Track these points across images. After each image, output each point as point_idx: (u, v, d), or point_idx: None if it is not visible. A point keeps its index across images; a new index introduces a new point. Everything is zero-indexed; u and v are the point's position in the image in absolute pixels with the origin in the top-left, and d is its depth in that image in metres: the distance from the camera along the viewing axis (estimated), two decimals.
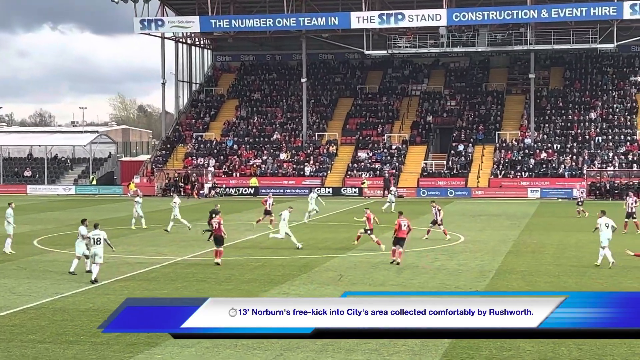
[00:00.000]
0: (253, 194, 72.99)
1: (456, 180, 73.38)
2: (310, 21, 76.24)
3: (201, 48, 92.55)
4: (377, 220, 38.04)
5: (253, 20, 77.17)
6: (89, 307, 23.14)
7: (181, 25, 79.88)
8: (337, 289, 25.73)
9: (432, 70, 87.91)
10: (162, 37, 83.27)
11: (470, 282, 27.02)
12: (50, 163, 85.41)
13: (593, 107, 79.47)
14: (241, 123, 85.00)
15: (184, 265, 31.16)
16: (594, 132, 76.50)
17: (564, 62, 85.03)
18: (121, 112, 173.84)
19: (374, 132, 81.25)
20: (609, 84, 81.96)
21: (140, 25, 78.82)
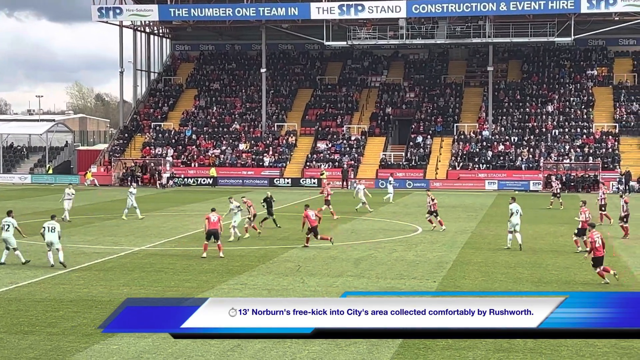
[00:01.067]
0: (212, 184, 72.82)
1: (414, 171, 73.73)
2: (270, 11, 76.09)
3: (160, 37, 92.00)
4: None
5: (212, 10, 76.87)
6: (44, 297, 22.97)
7: (140, 14, 79.33)
8: (296, 279, 25.81)
9: (392, 62, 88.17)
10: (120, 25, 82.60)
11: (428, 273, 27.21)
12: (6, 151, 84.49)
13: (550, 100, 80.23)
14: (200, 113, 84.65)
15: (142, 256, 31.03)
16: (551, 125, 77.25)
17: (522, 55, 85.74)
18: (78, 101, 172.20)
19: (333, 123, 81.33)
20: (566, 77, 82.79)
21: (98, 13, 78.15)
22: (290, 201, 56.23)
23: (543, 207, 52.03)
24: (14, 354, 16.95)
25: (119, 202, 55.24)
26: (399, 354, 17.06)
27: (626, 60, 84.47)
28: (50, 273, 26.76)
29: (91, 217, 45.29)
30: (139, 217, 43.45)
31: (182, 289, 24.28)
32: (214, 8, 76.79)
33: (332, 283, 25.29)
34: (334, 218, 43.30)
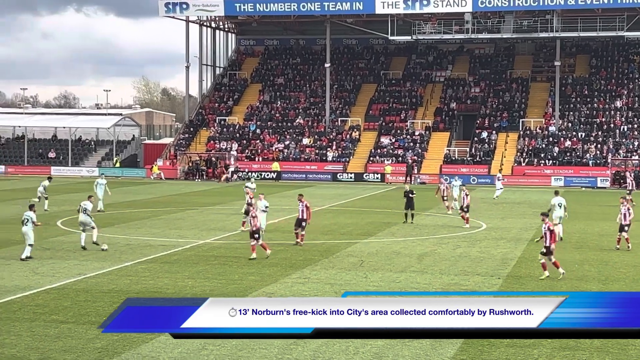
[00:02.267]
0: (275, 179, 73.17)
1: (479, 167, 73.19)
2: (335, 6, 76.11)
3: (225, 32, 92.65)
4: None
5: (277, 5, 77.15)
6: (111, 289, 23.31)
7: (206, 9, 79.96)
8: (358, 274, 25.80)
9: (457, 57, 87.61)
10: (186, 20, 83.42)
11: (492, 269, 26.97)
12: (75, 145, 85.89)
13: (619, 96, 78.95)
14: (264, 107, 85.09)
15: (206, 249, 31.30)
16: (619, 121, 76.01)
17: (590, 50, 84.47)
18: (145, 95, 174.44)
19: (397, 118, 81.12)
20: (636, 72, 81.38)
21: (165, 9, 79.06)
22: (353, 196, 56.21)
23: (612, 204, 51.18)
24: (82, 343, 17.24)
25: (184, 196, 55.93)
26: (462, 350, 16.96)
27: None
28: (117, 265, 27.16)
29: (157, 210, 45.84)
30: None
31: (246, 282, 24.43)
32: (279, 3, 77.06)
33: (395, 279, 25.23)
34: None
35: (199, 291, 23.02)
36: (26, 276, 25.10)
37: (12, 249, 30.25)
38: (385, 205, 50.45)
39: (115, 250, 30.38)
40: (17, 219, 40.57)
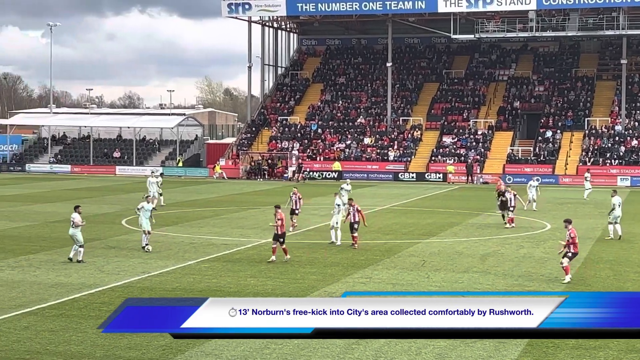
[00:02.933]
0: (336, 178, 73.19)
1: (543, 167, 72.35)
2: (397, 5, 75.88)
3: (287, 32, 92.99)
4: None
5: (339, 4, 77.16)
6: (175, 287, 23.55)
7: (268, 9, 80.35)
8: (420, 274, 25.70)
9: (520, 55, 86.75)
10: (248, 20, 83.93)
11: (557, 271, 26.60)
12: (139, 145, 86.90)
13: None
14: (326, 107, 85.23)
15: (268, 248, 31.38)
16: None
17: None
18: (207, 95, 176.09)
19: (459, 117, 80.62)
20: None
21: (227, 9, 79.64)
22: (414, 196, 55.99)
23: None
24: (146, 341, 17.43)
25: (246, 195, 56.29)
26: (526, 352, 16.77)
27: None
28: (181, 263, 27.44)
29: (219, 210, 46.20)
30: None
31: (308, 281, 24.49)
32: (341, 3, 77.09)
33: (457, 279, 25.07)
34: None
35: (261, 290, 23.14)
36: (92, 274, 25.49)
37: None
38: (447, 205, 50.16)
39: (179, 249, 30.72)
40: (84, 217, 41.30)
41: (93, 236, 34.02)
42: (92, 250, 30.28)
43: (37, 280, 24.29)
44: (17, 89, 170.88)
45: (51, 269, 26.24)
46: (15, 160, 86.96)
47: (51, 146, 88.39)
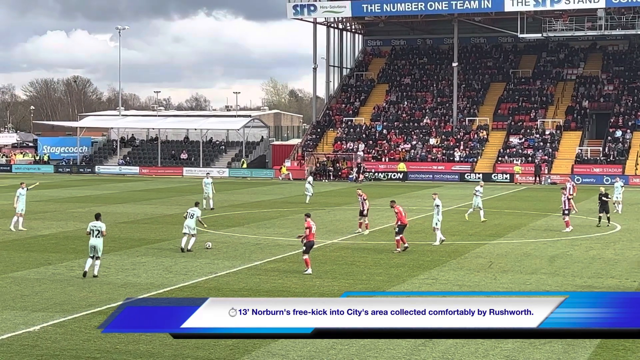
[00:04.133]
0: (401, 179, 72.94)
1: (613, 167, 71.17)
2: (463, 4, 75.40)
3: (352, 33, 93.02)
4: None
5: (404, 4, 76.94)
6: (241, 287, 23.69)
7: (333, 10, 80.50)
8: (487, 276, 25.47)
9: (589, 54, 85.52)
10: (314, 22, 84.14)
11: (627, 272, 26.18)
12: (205, 146, 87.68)
13: None
14: (391, 108, 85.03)
15: (333, 249, 31.47)
16: None
17: None
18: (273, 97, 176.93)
19: (526, 117, 79.76)
20: None
21: (293, 11, 79.95)
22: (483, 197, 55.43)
23: None
24: (214, 341, 17.54)
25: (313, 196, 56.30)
26: (596, 354, 16.49)
27: None
28: (247, 264, 27.61)
29: (285, 211, 46.36)
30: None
31: (374, 283, 24.44)
32: (406, 3, 76.86)
33: (525, 280, 24.80)
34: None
35: (327, 290, 23.15)
36: (160, 274, 25.79)
37: (148, 248, 31.13)
38: (515, 206, 49.65)
39: (245, 249, 30.91)
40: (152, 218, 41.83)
41: (161, 237, 34.46)
42: (160, 250, 30.67)
43: (107, 280, 24.64)
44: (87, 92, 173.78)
45: (120, 270, 26.61)
46: (85, 162, 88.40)
47: (120, 148, 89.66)
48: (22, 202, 36.30)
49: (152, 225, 38.70)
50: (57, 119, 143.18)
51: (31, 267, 26.99)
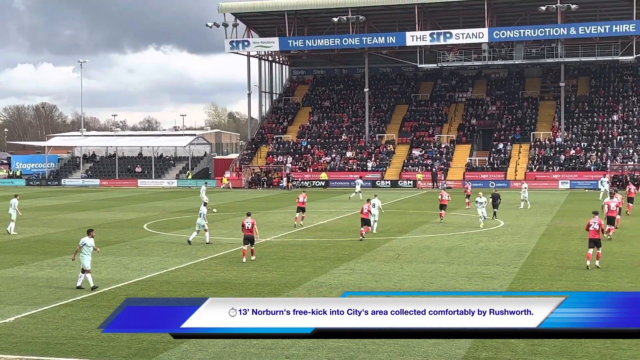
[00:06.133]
0: (324, 186, 73.19)
1: (496, 173, 72.45)
2: (372, 40, 76.10)
3: (280, 64, 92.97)
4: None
5: (323, 40, 77.38)
6: (189, 280, 23.46)
7: (264, 45, 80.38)
8: (395, 266, 25.67)
9: (476, 80, 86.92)
10: (247, 55, 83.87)
11: (510, 260, 26.68)
12: (157, 161, 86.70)
13: (615, 111, 77.71)
14: (314, 126, 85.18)
15: (267, 246, 31.39)
16: (616, 132, 74.81)
17: (590, 72, 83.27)
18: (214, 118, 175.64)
19: (426, 133, 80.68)
20: (629, 91, 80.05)
21: (229, 46, 79.58)
22: (390, 200, 55.95)
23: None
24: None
25: (248, 202, 56.17)
26: None
27: None
28: (194, 260, 27.34)
29: (226, 214, 46.07)
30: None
31: (301, 273, 24.43)
32: (325, 39, 77.36)
33: (426, 269, 25.06)
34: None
35: (262, 281, 23.07)
36: (118, 271, 25.37)
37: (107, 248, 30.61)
38: (417, 207, 50.20)
39: (192, 248, 30.61)
40: (111, 223, 41.14)
41: (119, 239, 33.91)
42: (118, 250, 30.19)
43: (72, 277, 24.12)
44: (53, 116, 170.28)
45: None
46: (53, 176, 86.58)
47: (82, 163, 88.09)
48: (14, 210, 36.60)
49: (111, 229, 38.06)
50: (27, 139, 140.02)
51: (6, 267, 26.31)
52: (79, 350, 15.63)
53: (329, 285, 22.20)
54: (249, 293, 21.27)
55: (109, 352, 15.44)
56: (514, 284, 22.20)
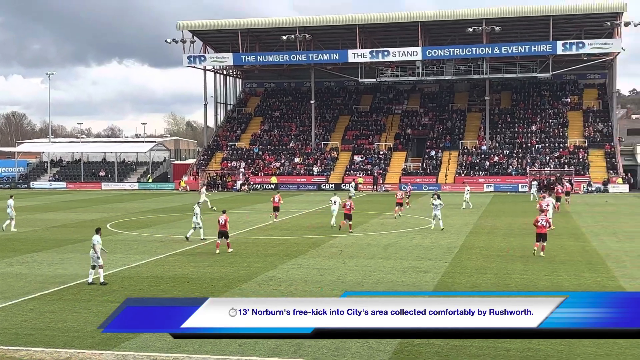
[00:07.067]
0: (274, 189, 73.05)
1: (429, 177, 73.22)
2: (317, 57, 76.26)
3: (234, 77, 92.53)
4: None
5: (274, 56, 77.29)
6: (149, 275, 23.19)
7: (219, 60, 79.92)
8: (338, 261, 25.77)
9: (411, 94, 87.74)
10: (204, 69, 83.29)
11: (440, 255, 27.00)
12: (119, 165, 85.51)
13: (534, 122, 79.24)
14: (265, 135, 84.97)
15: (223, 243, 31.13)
16: (535, 141, 76.28)
17: (512, 87, 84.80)
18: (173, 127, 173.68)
19: (366, 141, 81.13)
20: (546, 104, 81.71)
21: (187, 60, 78.91)
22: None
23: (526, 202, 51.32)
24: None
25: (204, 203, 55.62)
26: None
27: (593, 90, 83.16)
28: (154, 257, 27.02)
29: (183, 215, 45.61)
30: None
31: (253, 268, 24.34)
32: (275, 55, 77.27)
33: (366, 264, 25.20)
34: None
35: (217, 276, 22.92)
36: (83, 267, 24.91)
37: (73, 246, 30.11)
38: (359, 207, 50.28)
39: (152, 246, 30.26)
40: (77, 223, 40.38)
41: (84, 237, 33.32)
42: (83, 248, 29.64)
43: (40, 272, 23.67)
44: (23, 124, 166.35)
45: (51, 264, 25.60)
46: (22, 179, 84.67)
47: (50, 168, 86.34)
48: (11, 209, 36.58)
49: (77, 229, 37.38)
50: None
51: None
52: (46, 341, 15.33)
53: (278, 279, 22.17)
54: (205, 287, 21.11)
55: (74, 342, 15.17)
56: (444, 277, 22.46)
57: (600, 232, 34.35)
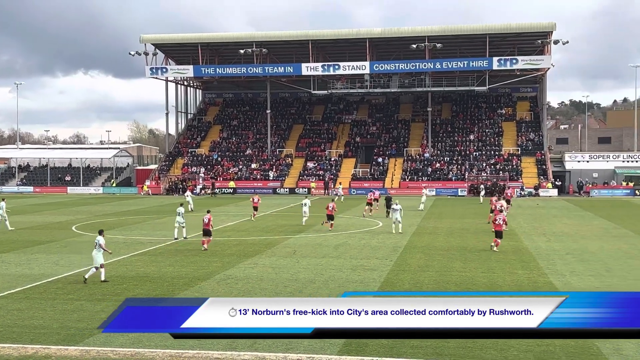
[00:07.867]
0: (232, 193, 72.68)
1: (376, 182, 73.65)
2: (273, 69, 76.13)
3: (194, 88, 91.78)
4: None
5: (232, 68, 76.89)
6: (112, 275, 22.84)
7: (180, 72, 79.22)
8: (292, 260, 25.77)
9: (360, 105, 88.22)
10: (166, 80, 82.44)
11: (387, 254, 27.21)
12: (85, 171, 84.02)
13: (472, 131, 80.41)
14: (223, 142, 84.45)
15: (182, 244, 30.90)
16: (473, 149, 77.41)
17: (452, 100, 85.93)
18: (136, 134, 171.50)
19: (318, 148, 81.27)
20: (483, 115, 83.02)
21: (150, 72, 78.00)
22: (288, 204, 56.10)
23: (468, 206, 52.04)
24: (90, 316, 16.88)
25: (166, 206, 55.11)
26: None
27: (525, 102, 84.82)
28: (117, 257, 26.63)
29: (146, 217, 45.08)
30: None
31: (212, 268, 24.19)
32: (233, 67, 76.87)
33: (318, 263, 25.26)
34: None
35: (177, 275, 22.71)
36: (49, 267, 24.45)
37: (40, 247, 29.50)
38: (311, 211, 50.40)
39: (115, 247, 29.79)
40: (43, 225, 39.53)
41: (50, 239, 32.69)
42: (49, 249, 29.09)
43: (8, 272, 23.13)
44: None
45: (18, 264, 25.04)
46: None
47: (18, 173, 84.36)
48: (4, 212, 36.94)
49: (43, 231, 36.61)
50: None
51: None
52: (14, 337, 15.00)
53: (235, 278, 22.08)
54: (166, 285, 20.90)
55: (40, 339, 14.88)
56: (390, 274, 22.65)
57: (531, 232, 35.06)
